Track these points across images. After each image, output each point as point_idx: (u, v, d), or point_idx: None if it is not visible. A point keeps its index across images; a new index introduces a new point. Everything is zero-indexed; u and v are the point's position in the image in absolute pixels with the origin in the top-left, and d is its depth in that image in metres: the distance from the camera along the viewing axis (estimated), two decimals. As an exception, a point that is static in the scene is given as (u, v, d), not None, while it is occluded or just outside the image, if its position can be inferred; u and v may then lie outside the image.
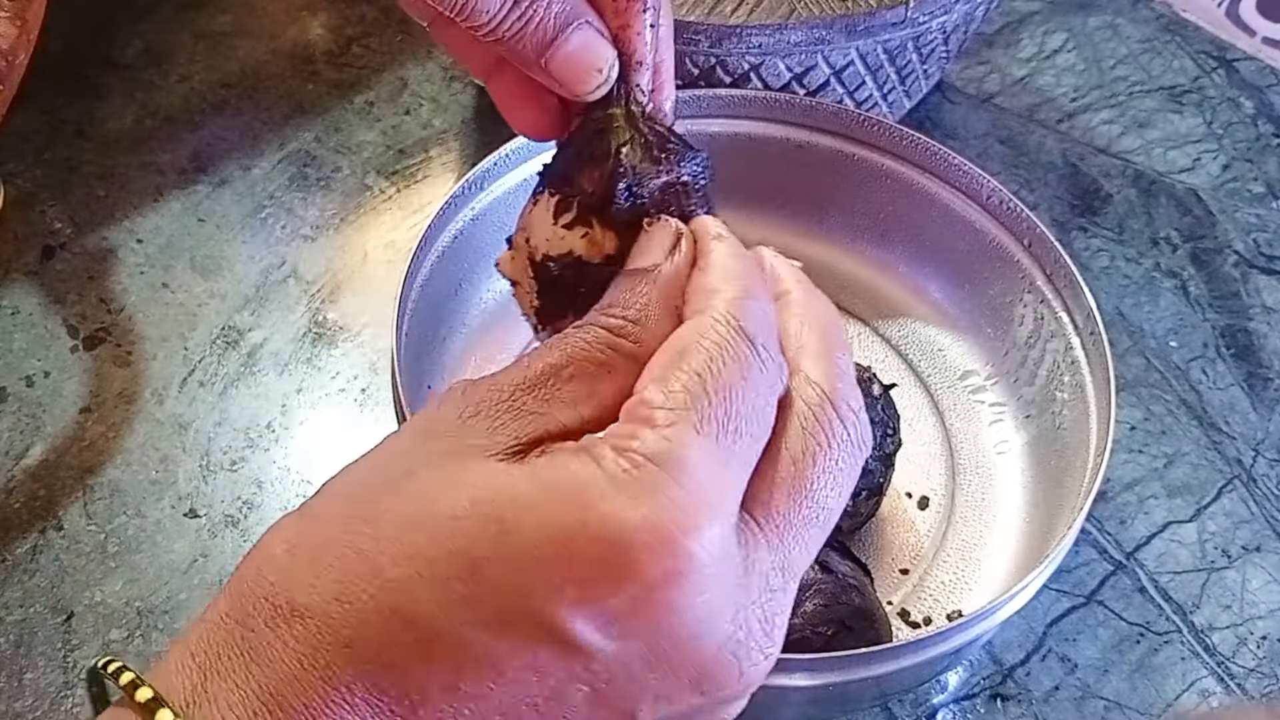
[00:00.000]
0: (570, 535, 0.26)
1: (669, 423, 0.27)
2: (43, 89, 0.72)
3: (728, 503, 0.27)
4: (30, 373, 0.62)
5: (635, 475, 0.26)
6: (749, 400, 0.28)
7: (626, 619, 0.26)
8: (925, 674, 0.51)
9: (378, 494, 0.28)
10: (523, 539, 0.26)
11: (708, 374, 0.28)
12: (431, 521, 0.27)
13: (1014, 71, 0.81)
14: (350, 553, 0.27)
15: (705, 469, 0.27)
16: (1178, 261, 0.71)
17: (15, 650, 0.52)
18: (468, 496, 0.27)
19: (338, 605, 0.26)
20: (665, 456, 0.26)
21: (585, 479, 0.26)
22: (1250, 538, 0.59)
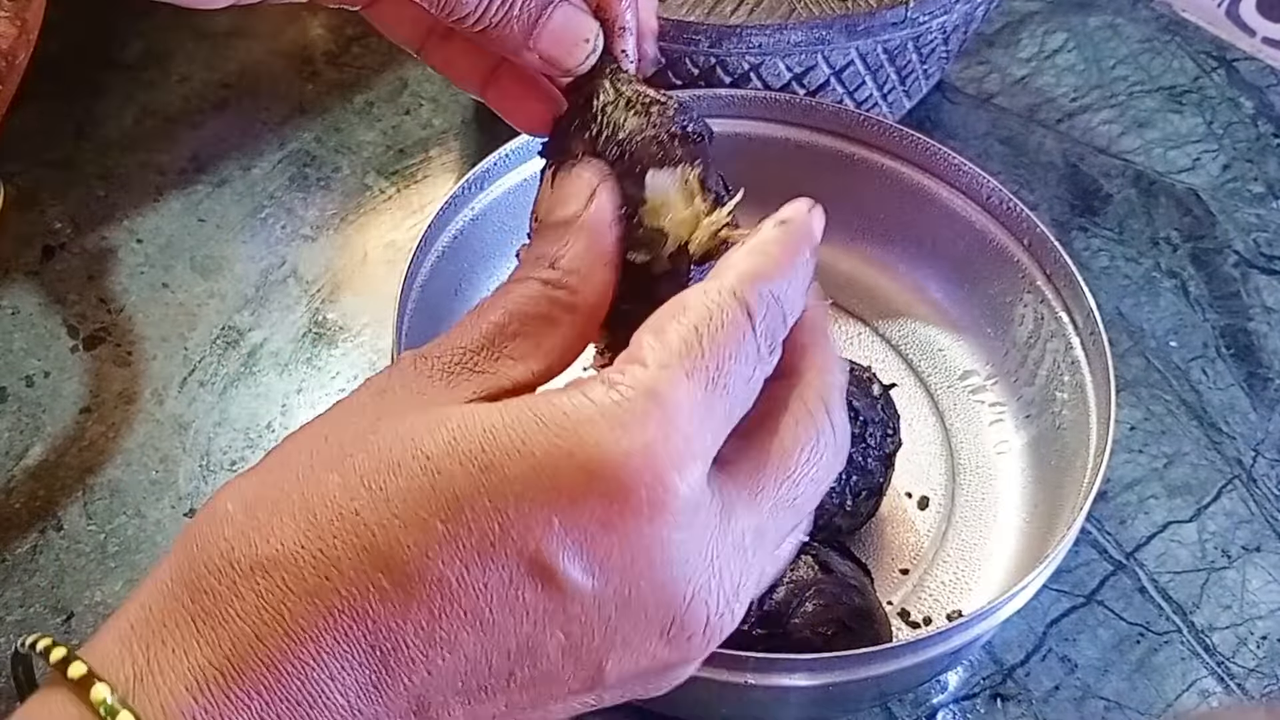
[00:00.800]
0: (556, 464, 0.25)
1: (660, 363, 0.27)
2: (43, 89, 0.72)
3: (709, 447, 0.28)
4: (30, 373, 0.62)
5: (626, 405, 0.26)
6: (738, 365, 0.28)
7: (608, 553, 0.26)
8: (925, 674, 0.51)
9: (342, 445, 0.27)
10: (508, 472, 0.25)
11: (705, 332, 0.28)
12: (409, 463, 0.26)
13: (1014, 71, 0.81)
14: (318, 501, 0.26)
15: (691, 410, 0.27)
16: (1178, 261, 0.71)
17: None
18: (445, 436, 0.26)
19: (305, 553, 0.25)
20: (653, 391, 0.27)
21: (570, 409, 0.26)
22: (1250, 538, 0.59)
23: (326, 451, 0.27)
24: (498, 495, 0.25)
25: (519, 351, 0.30)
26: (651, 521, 0.26)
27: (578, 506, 0.25)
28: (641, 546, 0.26)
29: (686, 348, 0.28)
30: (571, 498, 0.25)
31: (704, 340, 0.28)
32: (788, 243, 0.32)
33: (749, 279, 0.30)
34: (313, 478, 0.27)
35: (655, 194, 0.33)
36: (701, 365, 0.28)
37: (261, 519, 0.26)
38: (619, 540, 0.26)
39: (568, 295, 0.30)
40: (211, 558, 0.26)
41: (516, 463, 0.26)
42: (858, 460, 0.53)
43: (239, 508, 0.27)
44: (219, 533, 0.26)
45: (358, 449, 0.27)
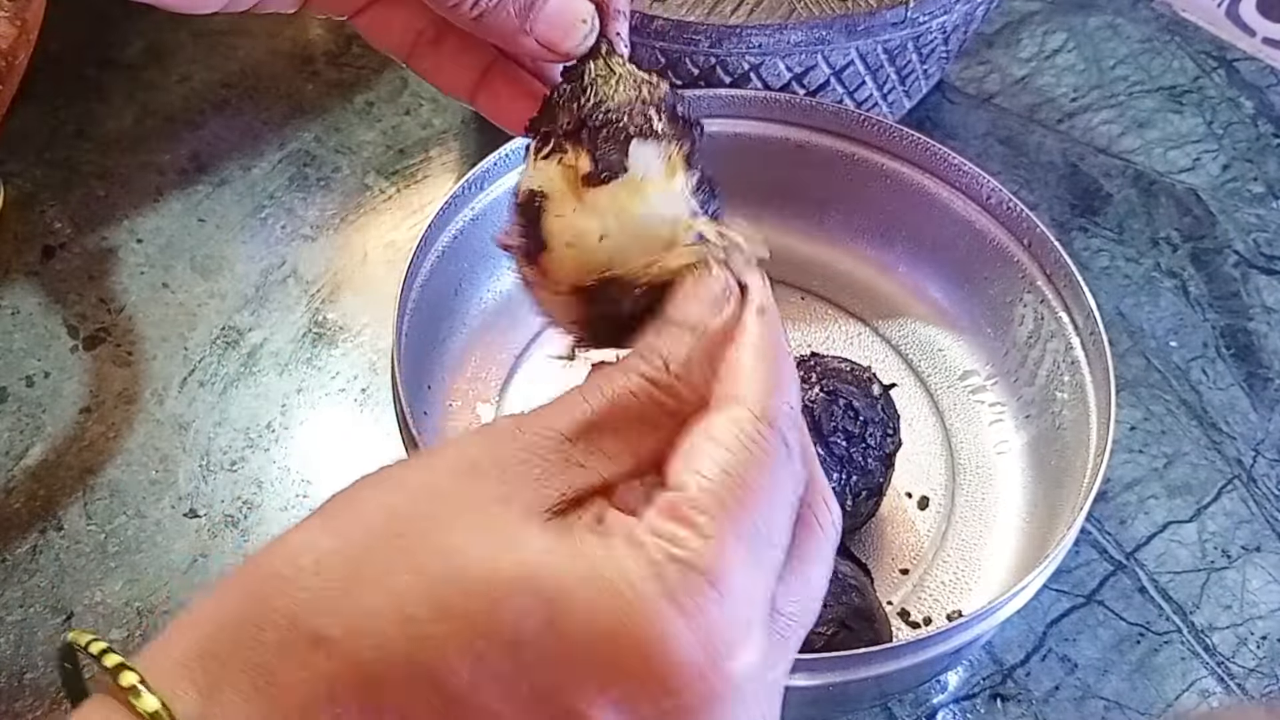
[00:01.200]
0: (618, 639, 0.26)
1: (711, 530, 0.27)
2: (43, 89, 0.72)
3: (764, 612, 0.27)
4: (30, 373, 0.62)
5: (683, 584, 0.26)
6: (781, 503, 0.28)
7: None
8: (925, 674, 0.51)
9: (421, 532, 0.27)
10: (569, 628, 0.26)
11: (751, 480, 0.27)
12: (479, 586, 0.26)
13: (1014, 71, 0.81)
14: (385, 594, 0.26)
15: (744, 585, 0.27)
16: (1178, 261, 0.71)
17: (15, 650, 0.52)
18: (518, 567, 0.26)
19: (365, 645, 0.25)
20: (712, 571, 0.26)
21: (637, 582, 0.26)
22: (1250, 538, 0.59)
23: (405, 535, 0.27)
24: (558, 650, 0.26)
25: (614, 450, 0.29)
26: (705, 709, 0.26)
27: (631, 684, 0.26)
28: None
29: (735, 502, 0.27)
30: (627, 675, 0.26)
31: (749, 490, 0.27)
32: (777, 332, 0.31)
33: (769, 391, 0.29)
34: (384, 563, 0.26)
35: (637, 165, 0.32)
36: (749, 521, 0.27)
37: (331, 591, 0.26)
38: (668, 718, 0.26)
39: (673, 401, 0.30)
40: (277, 611, 0.26)
41: (582, 624, 0.26)
42: (858, 460, 0.53)
43: (310, 564, 0.26)
44: (287, 588, 0.26)
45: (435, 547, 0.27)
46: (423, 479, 0.28)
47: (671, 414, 0.29)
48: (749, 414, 0.28)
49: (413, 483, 0.28)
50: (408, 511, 0.27)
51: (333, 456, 0.59)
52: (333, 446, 0.60)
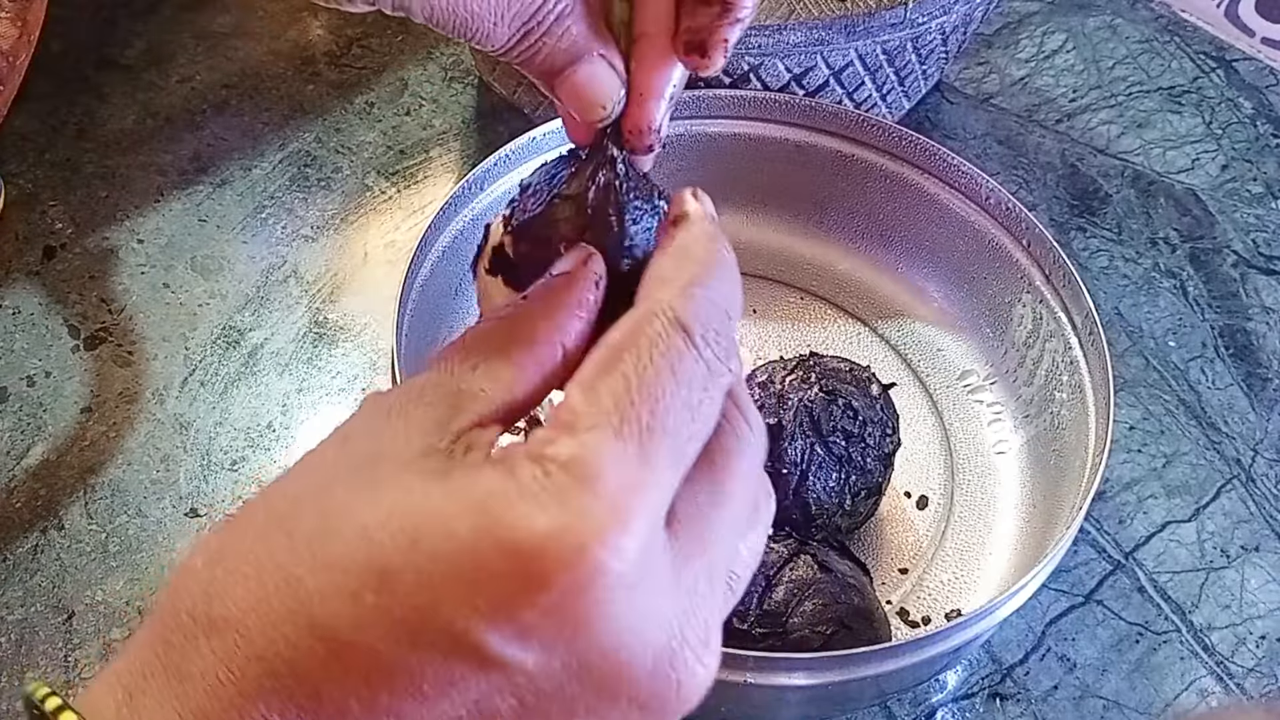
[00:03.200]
0: (477, 546, 0.25)
1: (588, 427, 0.26)
2: (44, 89, 0.72)
3: (649, 509, 0.26)
4: (31, 372, 0.62)
5: (546, 483, 0.26)
6: (679, 399, 0.27)
7: (542, 631, 0.25)
8: (924, 673, 0.51)
9: (297, 505, 0.28)
10: (432, 550, 0.25)
11: (634, 375, 0.27)
12: (347, 532, 0.26)
13: (1013, 72, 0.81)
14: (267, 563, 0.26)
15: (621, 474, 0.26)
16: (1176, 261, 0.71)
17: (16, 650, 0.52)
18: (384, 508, 0.26)
19: (254, 616, 0.26)
20: (579, 463, 0.26)
21: (495, 488, 0.26)
22: (1249, 537, 0.59)
23: (283, 509, 0.28)
24: (424, 573, 0.25)
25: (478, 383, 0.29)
26: (583, 599, 0.25)
27: (501, 587, 0.25)
28: (580, 623, 0.26)
29: (615, 402, 0.26)
30: (494, 579, 0.25)
31: (634, 387, 0.27)
32: (704, 237, 0.30)
33: (678, 289, 0.28)
34: (265, 537, 0.27)
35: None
36: (633, 417, 0.26)
37: (219, 576, 0.27)
38: (552, 619, 0.25)
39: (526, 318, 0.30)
40: (179, 611, 0.27)
41: (442, 542, 0.26)
42: (857, 460, 0.53)
43: (204, 563, 0.27)
44: (186, 587, 0.27)
45: (309, 511, 0.27)
46: (301, 465, 0.29)
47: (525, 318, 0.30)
48: (647, 310, 0.28)
49: (293, 471, 0.29)
50: (285, 491, 0.28)
51: (333, 456, 0.59)
52: (333, 446, 0.60)
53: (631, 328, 0.28)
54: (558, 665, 0.26)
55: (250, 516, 0.28)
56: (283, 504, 0.28)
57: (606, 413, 0.26)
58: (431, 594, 0.25)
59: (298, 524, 0.27)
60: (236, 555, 0.27)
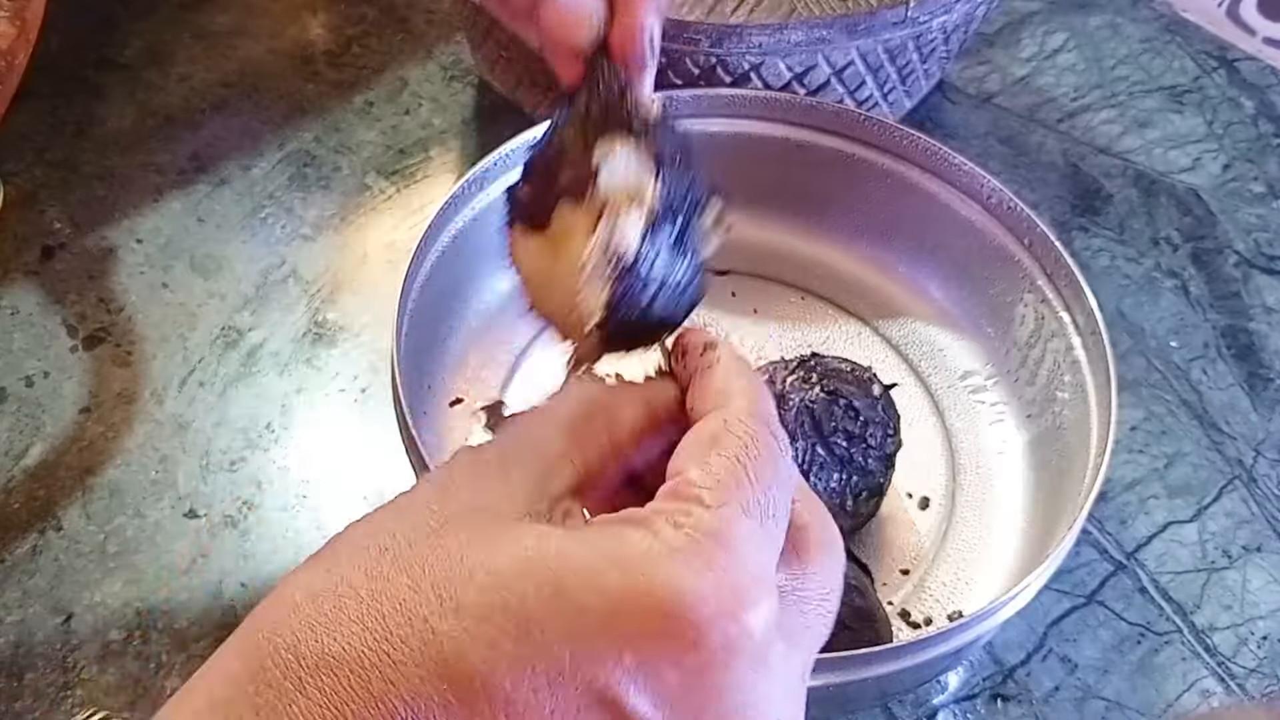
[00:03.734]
0: (632, 602, 0.25)
1: (719, 503, 0.27)
2: (42, 89, 0.72)
3: (773, 580, 0.28)
4: (30, 373, 0.62)
5: (694, 548, 0.26)
6: (780, 489, 0.29)
7: (682, 691, 0.26)
8: (926, 674, 0.51)
9: (411, 545, 0.27)
10: (579, 603, 0.25)
11: (747, 460, 0.28)
12: (481, 577, 0.26)
13: (1014, 71, 0.81)
14: (386, 603, 0.26)
15: (755, 548, 0.27)
16: (1178, 261, 0.71)
17: (15, 650, 0.52)
18: (520, 555, 0.26)
19: (372, 655, 0.25)
20: (720, 533, 0.27)
21: (644, 548, 0.26)
22: (1251, 538, 0.59)
23: (394, 549, 0.27)
24: (570, 625, 0.25)
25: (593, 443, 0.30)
26: (725, 663, 0.26)
27: (651, 645, 0.25)
28: (713, 687, 0.26)
29: (736, 482, 0.28)
30: (645, 636, 0.25)
31: (750, 472, 0.28)
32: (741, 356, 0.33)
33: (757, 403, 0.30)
34: (381, 576, 0.26)
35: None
36: (754, 499, 0.28)
37: (329, 614, 0.26)
38: (691, 680, 0.26)
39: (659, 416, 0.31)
40: (277, 648, 0.25)
41: (590, 596, 0.26)
42: (858, 460, 0.53)
43: (306, 599, 0.26)
44: (286, 623, 0.26)
45: (428, 553, 0.26)
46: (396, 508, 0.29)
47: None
48: (734, 411, 0.30)
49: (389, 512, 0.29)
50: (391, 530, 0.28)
51: (332, 456, 0.59)
52: (332, 446, 0.60)
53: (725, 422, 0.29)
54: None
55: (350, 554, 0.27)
56: (392, 544, 0.27)
57: (731, 491, 0.28)
58: (576, 645, 0.25)
59: (418, 565, 0.26)
60: (346, 592, 0.26)
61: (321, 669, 0.25)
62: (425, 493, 0.29)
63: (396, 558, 0.27)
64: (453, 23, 0.80)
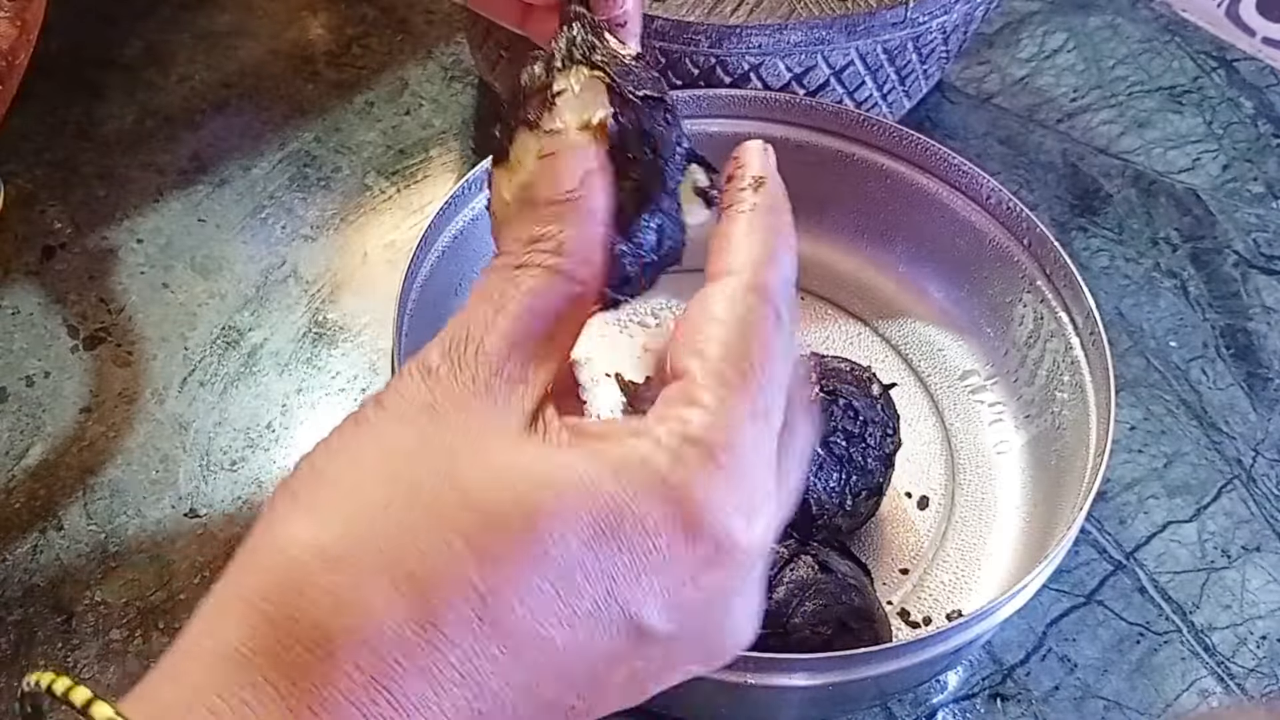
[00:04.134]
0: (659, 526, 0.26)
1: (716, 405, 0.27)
2: (43, 89, 0.72)
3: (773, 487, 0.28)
4: (30, 372, 0.62)
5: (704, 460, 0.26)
6: (780, 374, 0.29)
7: (695, 605, 0.27)
8: (925, 674, 0.51)
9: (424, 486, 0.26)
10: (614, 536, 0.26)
11: (752, 351, 0.28)
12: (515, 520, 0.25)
13: (1014, 71, 0.81)
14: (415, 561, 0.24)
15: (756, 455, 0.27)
16: (1177, 261, 0.71)
17: (15, 650, 0.52)
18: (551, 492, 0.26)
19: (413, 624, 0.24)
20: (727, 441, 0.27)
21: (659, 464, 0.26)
22: (1250, 538, 0.59)
23: (407, 494, 0.26)
24: (606, 562, 0.26)
25: (543, 351, 0.29)
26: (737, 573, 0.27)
27: (680, 567, 0.26)
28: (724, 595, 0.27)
29: (741, 378, 0.28)
30: (677, 561, 0.26)
31: (755, 365, 0.28)
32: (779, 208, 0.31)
33: (766, 271, 0.30)
34: (401, 527, 0.25)
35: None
36: (760, 400, 0.28)
37: (352, 579, 0.24)
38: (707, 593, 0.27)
39: (579, 286, 0.30)
40: (298, 624, 0.24)
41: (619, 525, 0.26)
42: (858, 460, 0.53)
43: (317, 560, 0.24)
44: (302, 592, 0.24)
45: (447, 494, 0.25)
46: (386, 437, 0.27)
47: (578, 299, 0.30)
48: (742, 286, 0.29)
49: (379, 440, 0.27)
50: (389, 467, 0.26)
51: (333, 456, 0.59)
52: (333, 446, 0.60)
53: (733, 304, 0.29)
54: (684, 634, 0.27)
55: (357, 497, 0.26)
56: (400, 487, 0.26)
57: (730, 389, 0.28)
58: (614, 581, 0.26)
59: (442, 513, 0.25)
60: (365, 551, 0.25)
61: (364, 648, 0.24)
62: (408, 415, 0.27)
63: (413, 503, 0.25)
64: (453, 23, 0.80)
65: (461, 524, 0.25)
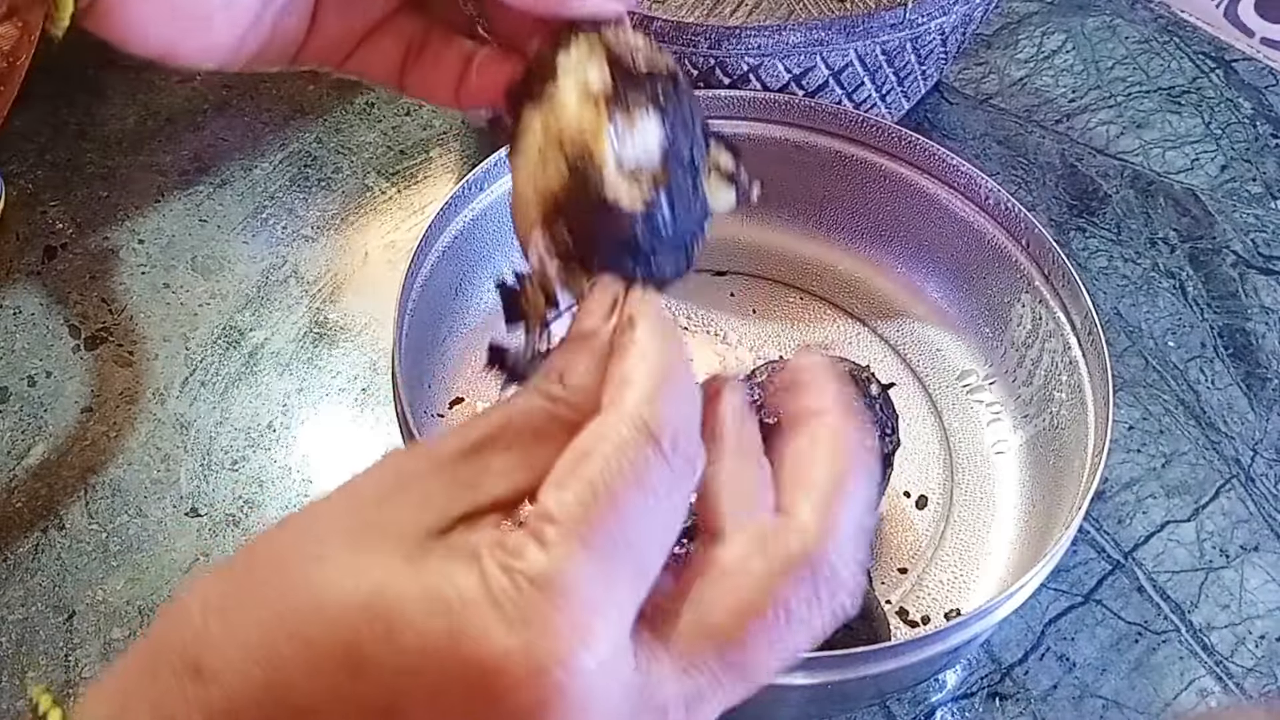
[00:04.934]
0: (444, 655, 0.26)
1: (556, 540, 0.26)
2: (45, 90, 0.72)
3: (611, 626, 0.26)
4: (32, 372, 0.62)
5: (514, 598, 0.26)
6: (647, 508, 0.27)
7: None
8: (924, 673, 0.51)
9: (290, 567, 0.28)
10: (403, 645, 0.26)
11: (601, 483, 0.27)
12: (330, 611, 0.27)
13: (1012, 72, 0.81)
14: (253, 626, 0.27)
15: (588, 591, 0.26)
16: (1176, 262, 0.71)
17: (17, 649, 0.52)
18: (366, 592, 0.27)
19: (236, 678, 0.27)
20: (546, 579, 0.26)
21: (468, 596, 0.26)
22: (1248, 537, 0.59)
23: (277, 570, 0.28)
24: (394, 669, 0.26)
25: (505, 466, 0.29)
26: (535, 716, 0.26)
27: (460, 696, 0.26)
28: None
29: (584, 511, 0.26)
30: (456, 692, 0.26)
31: (601, 497, 0.27)
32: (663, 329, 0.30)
33: (644, 394, 0.28)
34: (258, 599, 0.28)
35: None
36: (602, 529, 0.26)
37: (212, 630, 0.27)
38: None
39: (568, 413, 0.29)
40: (170, 650, 0.28)
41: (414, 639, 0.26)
42: (856, 460, 0.53)
43: (199, 610, 0.28)
44: (179, 629, 0.28)
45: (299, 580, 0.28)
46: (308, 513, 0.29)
47: (569, 426, 0.29)
48: (613, 416, 0.28)
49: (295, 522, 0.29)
50: (283, 547, 0.29)
51: (333, 456, 0.60)
52: (333, 446, 0.60)
53: (600, 433, 0.27)
54: None
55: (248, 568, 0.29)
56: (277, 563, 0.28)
57: (576, 522, 0.26)
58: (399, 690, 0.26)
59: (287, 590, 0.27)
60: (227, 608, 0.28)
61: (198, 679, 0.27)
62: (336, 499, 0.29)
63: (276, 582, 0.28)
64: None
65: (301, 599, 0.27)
